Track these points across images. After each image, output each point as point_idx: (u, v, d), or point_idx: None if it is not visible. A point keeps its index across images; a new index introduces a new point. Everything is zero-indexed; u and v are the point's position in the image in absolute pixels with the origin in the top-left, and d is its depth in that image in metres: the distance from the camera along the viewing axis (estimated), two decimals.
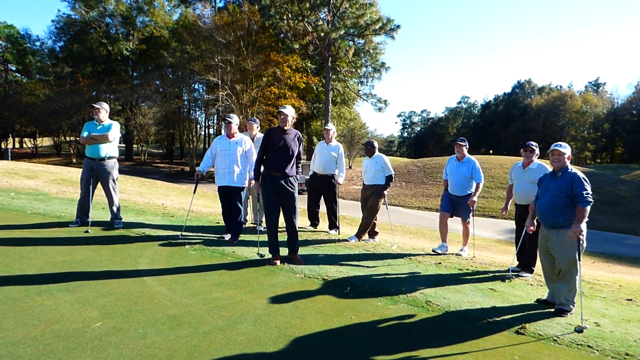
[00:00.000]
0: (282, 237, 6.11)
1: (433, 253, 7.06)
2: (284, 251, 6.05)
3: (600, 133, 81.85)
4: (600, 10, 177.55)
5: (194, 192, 7.61)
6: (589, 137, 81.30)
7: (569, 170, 4.67)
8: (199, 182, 7.03)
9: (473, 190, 7.07)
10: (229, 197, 6.80)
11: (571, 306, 4.57)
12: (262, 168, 5.81)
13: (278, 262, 5.72)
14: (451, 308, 4.50)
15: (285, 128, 5.74)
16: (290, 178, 5.72)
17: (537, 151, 6.24)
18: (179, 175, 38.67)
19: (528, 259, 6.09)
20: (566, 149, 4.76)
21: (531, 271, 6.09)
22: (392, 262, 6.24)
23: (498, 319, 4.29)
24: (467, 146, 7.13)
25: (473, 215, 7.05)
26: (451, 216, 7.21)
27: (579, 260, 4.44)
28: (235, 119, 6.86)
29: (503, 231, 18.42)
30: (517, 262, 6.30)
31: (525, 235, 5.94)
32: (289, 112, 5.72)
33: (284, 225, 5.88)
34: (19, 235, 6.36)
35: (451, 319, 4.26)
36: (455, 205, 7.16)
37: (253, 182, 5.93)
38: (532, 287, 5.46)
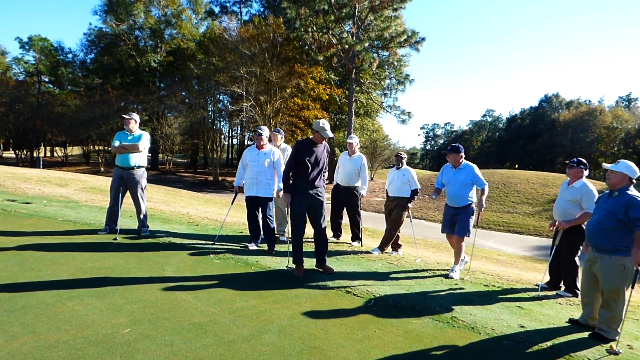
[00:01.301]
0: (306, 247, 6.13)
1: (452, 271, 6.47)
2: (307, 263, 6.05)
3: (631, 149, 79.49)
4: (634, 23, 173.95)
5: (232, 204, 7.84)
6: (619, 153, 79.00)
7: (627, 192, 4.25)
8: (237, 195, 7.34)
9: (474, 199, 6.41)
10: (257, 207, 6.95)
11: (612, 334, 4.26)
12: (290, 179, 5.85)
13: (302, 273, 5.75)
14: (477, 325, 4.43)
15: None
16: (320, 188, 5.80)
17: (582, 167, 5.73)
18: (203, 184, 39.10)
19: (569, 280, 5.79)
20: (620, 167, 4.34)
21: (575, 293, 5.69)
22: (415, 275, 6.18)
23: (526, 338, 4.20)
24: (463, 154, 6.43)
25: (476, 225, 6.51)
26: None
27: (632, 288, 4.15)
28: (265, 131, 7.01)
29: (529, 248, 18.03)
30: (547, 279, 6.15)
31: (562, 255, 5.80)
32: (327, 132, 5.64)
33: (309, 236, 5.89)
34: (51, 242, 6.55)
35: (477, 337, 4.19)
36: (455, 219, 6.42)
37: (282, 193, 5.99)
38: (561, 306, 5.33)
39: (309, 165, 5.61)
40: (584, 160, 5.82)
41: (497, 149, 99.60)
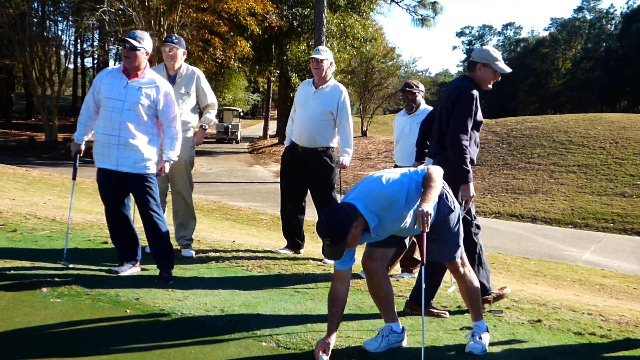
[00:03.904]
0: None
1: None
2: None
3: None
4: None
5: (74, 179, 4.30)
6: None
7: None
8: (79, 161, 4.06)
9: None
10: (123, 195, 3.94)
11: None
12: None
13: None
14: None
15: None
16: None
17: None
18: (24, 150, 23.78)
19: None
20: None
21: None
22: (447, 322, 3.44)
23: None
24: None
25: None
26: None
27: None
28: (146, 40, 3.86)
29: None
30: None
31: None
32: None
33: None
34: None
35: None
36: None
37: (468, 185, 3.43)
38: None
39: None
40: None
41: (603, 73, 59.27)
